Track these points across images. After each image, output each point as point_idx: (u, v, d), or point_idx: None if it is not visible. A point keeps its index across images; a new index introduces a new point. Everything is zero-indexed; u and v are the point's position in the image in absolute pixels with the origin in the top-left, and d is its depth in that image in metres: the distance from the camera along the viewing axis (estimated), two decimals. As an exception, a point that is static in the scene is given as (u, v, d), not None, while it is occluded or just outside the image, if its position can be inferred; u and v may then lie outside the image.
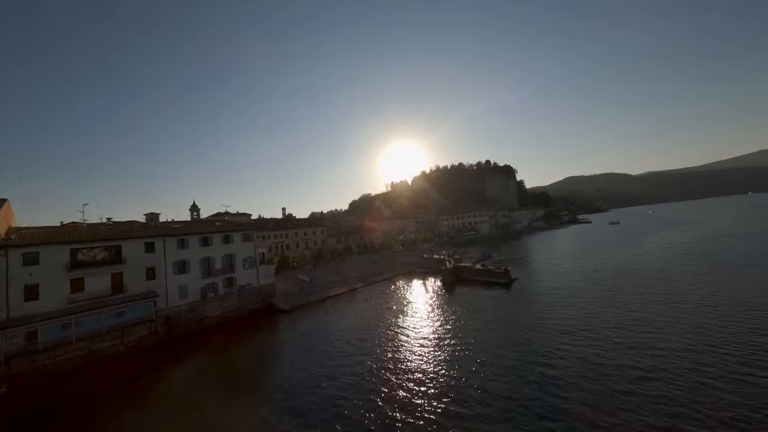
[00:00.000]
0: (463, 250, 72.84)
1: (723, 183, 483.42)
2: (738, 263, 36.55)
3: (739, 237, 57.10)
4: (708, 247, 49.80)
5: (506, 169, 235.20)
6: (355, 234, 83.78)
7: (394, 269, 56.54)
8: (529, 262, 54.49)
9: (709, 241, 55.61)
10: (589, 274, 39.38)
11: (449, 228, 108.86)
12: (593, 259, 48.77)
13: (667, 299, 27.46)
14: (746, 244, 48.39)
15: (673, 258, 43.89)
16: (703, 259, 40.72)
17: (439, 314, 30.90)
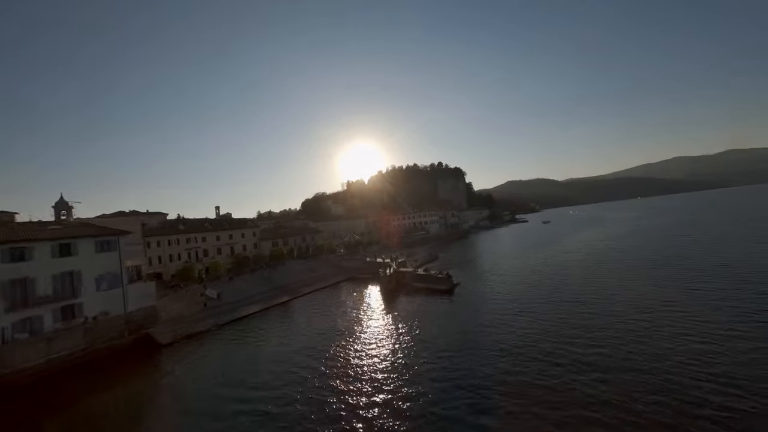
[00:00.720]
0: (411, 252, 69.26)
1: (620, 189, 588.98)
2: (652, 260, 38.67)
3: (644, 235, 64.32)
4: (622, 244, 53.94)
5: (456, 172, 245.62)
6: (298, 236, 74.06)
7: (334, 276, 49.47)
8: (474, 263, 52.71)
9: (621, 240, 61.09)
10: (527, 275, 37.96)
11: (401, 228, 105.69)
12: (530, 260, 48.71)
13: (597, 299, 26.24)
14: (653, 241, 53.77)
15: (597, 255, 45.76)
16: (619, 255, 42.85)
17: (372, 333, 25.19)
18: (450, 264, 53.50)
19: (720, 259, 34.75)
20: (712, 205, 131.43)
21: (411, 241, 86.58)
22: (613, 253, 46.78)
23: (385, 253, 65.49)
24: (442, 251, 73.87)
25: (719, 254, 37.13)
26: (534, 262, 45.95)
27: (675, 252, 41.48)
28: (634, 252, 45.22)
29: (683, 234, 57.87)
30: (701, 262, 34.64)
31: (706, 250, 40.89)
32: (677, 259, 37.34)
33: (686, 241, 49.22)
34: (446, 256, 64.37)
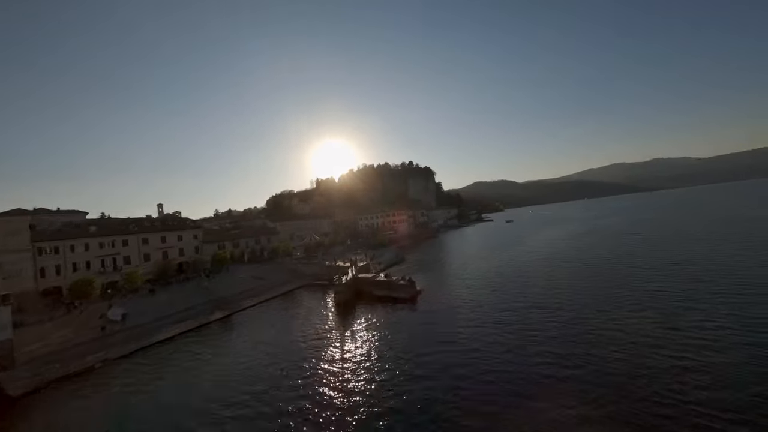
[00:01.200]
0: (377, 253, 65.03)
1: (571, 191, 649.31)
2: (608, 259, 38.78)
3: (598, 234, 67.39)
4: (580, 243, 55.17)
5: (427, 171, 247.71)
6: (251, 237, 65.67)
7: (287, 283, 43.25)
8: (441, 266, 49.95)
9: (579, 239, 63.08)
10: (492, 278, 35.68)
11: (369, 228, 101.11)
12: (496, 260, 47.18)
13: (559, 304, 24.32)
14: (607, 239, 55.78)
15: (558, 255, 45.57)
16: (578, 254, 42.90)
17: (319, 358, 20.24)
18: (417, 266, 50.24)
19: (669, 256, 35.52)
20: (649, 206, 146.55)
21: (379, 241, 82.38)
22: (573, 252, 46.95)
23: (349, 255, 60.40)
24: (410, 252, 70.82)
25: (667, 251, 38.27)
26: (499, 263, 44.32)
27: (627, 250, 42.38)
28: (592, 251, 45.67)
29: (633, 232, 61.12)
30: (651, 259, 35.11)
31: (655, 247, 42.39)
32: (629, 257, 37.75)
33: (637, 239, 51.44)
34: (414, 258, 61.22)
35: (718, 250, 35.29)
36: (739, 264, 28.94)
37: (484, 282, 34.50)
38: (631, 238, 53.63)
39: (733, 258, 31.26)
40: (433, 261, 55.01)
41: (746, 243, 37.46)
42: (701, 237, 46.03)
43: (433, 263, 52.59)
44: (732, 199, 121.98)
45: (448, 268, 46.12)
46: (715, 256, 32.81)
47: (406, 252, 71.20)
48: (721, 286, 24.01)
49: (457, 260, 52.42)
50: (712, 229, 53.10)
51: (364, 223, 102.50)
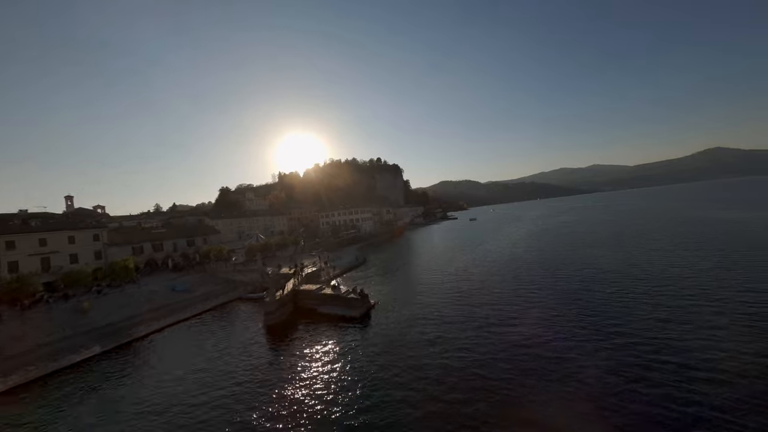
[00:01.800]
0: (337, 254, 58.19)
1: (525, 192, 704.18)
2: (567, 260, 37.25)
3: (554, 232, 68.61)
4: (541, 243, 54.55)
5: (395, 168, 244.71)
6: (182, 238, 54.09)
7: (215, 297, 34.47)
8: (404, 268, 44.86)
9: (538, 238, 63.17)
10: (455, 285, 31.40)
11: (330, 226, 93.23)
12: (460, 263, 43.54)
13: (520, 318, 20.40)
14: (562, 237, 56.03)
15: (520, 257, 43.58)
16: (539, 256, 41.19)
17: (236, 409, 12.97)
18: (378, 270, 44.55)
19: (624, 257, 34.73)
20: (593, 207, 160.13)
21: (340, 240, 75.33)
22: (536, 253, 45.27)
23: (301, 259, 52.59)
24: (373, 252, 65.09)
25: (623, 253, 37.81)
26: (464, 265, 40.59)
27: (587, 251, 41.64)
28: (552, 252, 44.40)
29: (586, 231, 62.66)
30: (616, 263, 33.93)
31: (617, 254, 42.22)
32: (592, 258, 36.50)
33: (593, 238, 51.96)
34: (376, 259, 55.54)
35: (651, 239, 43.92)
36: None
37: (448, 289, 30.03)
38: (586, 236, 54.32)
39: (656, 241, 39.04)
40: (396, 263, 49.86)
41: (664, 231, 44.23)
42: (632, 231, 48.55)
43: (396, 266, 47.39)
44: (655, 200, 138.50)
45: (412, 272, 41.18)
46: (649, 245, 39.80)
47: (370, 252, 65.39)
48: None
49: (422, 262, 47.92)
50: (643, 223, 56.47)
51: (326, 220, 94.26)
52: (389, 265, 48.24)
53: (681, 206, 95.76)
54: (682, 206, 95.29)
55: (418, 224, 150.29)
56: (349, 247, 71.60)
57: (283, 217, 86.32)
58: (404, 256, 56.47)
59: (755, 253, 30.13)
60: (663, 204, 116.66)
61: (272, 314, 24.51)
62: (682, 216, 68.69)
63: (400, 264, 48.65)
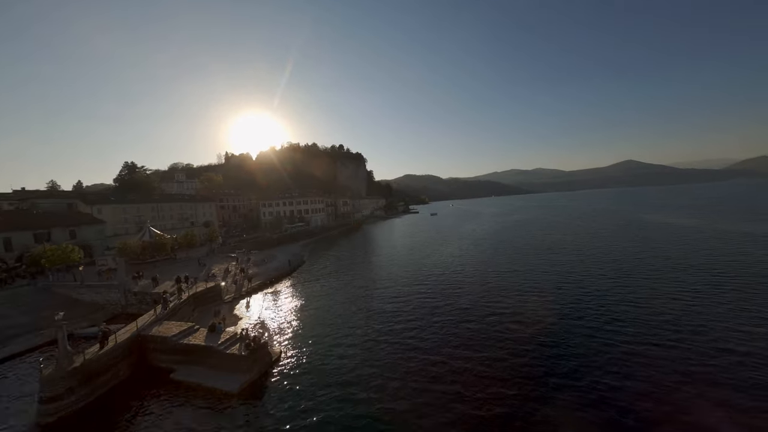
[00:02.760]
0: (269, 255, 45.53)
1: (481, 189, 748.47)
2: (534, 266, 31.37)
3: (514, 231, 65.23)
4: (506, 247, 49.33)
5: (357, 157, 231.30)
6: (32, 230, 35.81)
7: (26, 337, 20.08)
8: (347, 275, 34.64)
9: (497, 236, 58.61)
10: (404, 305, 22.57)
11: (273, 217, 78.43)
12: (413, 269, 35.21)
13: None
14: (525, 237, 51.83)
15: (482, 258, 37.06)
16: (507, 262, 35.02)
17: None
18: (313, 278, 33.46)
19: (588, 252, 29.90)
20: (540, 207, 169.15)
21: (281, 236, 62.04)
22: (500, 258, 38.99)
23: (212, 263, 39.07)
24: (319, 251, 53.67)
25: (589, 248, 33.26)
26: (422, 274, 32.15)
27: (550, 256, 36.59)
28: (516, 255, 38.62)
29: (546, 232, 59.80)
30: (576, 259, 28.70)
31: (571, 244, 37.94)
32: (556, 263, 31.02)
33: (554, 239, 48.17)
34: (318, 261, 44.42)
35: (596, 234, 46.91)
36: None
37: (401, 312, 20.92)
38: (544, 237, 50.64)
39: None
40: (342, 267, 39.42)
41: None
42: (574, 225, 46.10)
43: (340, 271, 36.96)
44: (587, 202, 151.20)
45: (358, 282, 31.13)
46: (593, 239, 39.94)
47: (317, 251, 53.85)
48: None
49: (374, 267, 38.28)
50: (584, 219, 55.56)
51: (268, 210, 79.05)
52: (332, 270, 37.68)
53: (616, 209, 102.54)
54: (618, 209, 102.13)
55: (378, 217, 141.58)
56: (291, 245, 59.00)
57: (211, 205, 68.99)
58: (355, 258, 46.34)
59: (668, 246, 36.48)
60: (596, 206, 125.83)
61: (57, 400, 12.25)
62: (621, 218, 70.70)
63: (347, 268, 38.39)
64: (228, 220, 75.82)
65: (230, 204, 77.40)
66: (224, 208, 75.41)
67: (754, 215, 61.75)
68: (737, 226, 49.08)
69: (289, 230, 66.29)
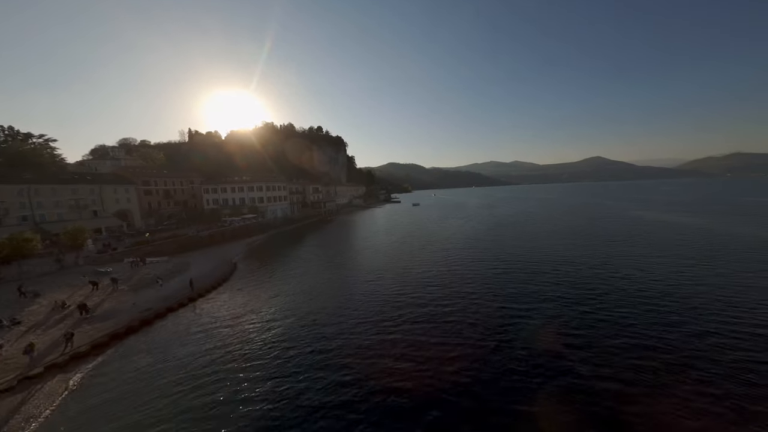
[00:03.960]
0: (158, 266, 30.46)
1: (462, 179, 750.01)
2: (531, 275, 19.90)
3: (506, 231, 54.30)
4: (504, 255, 37.76)
5: (337, 140, 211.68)
6: None
7: None
8: (281, 302, 20.86)
9: (490, 237, 47.14)
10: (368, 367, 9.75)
11: (220, 206, 61.59)
12: (384, 282, 22.40)
13: None
14: (516, 240, 40.75)
15: (484, 275, 25.12)
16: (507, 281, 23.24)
17: None
18: (226, 304, 19.18)
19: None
20: (524, 199, 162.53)
21: (213, 233, 46.37)
22: (498, 265, 27.10)
23: (73, 278, 23.64)
24: (260, 255, 38.99)
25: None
26: (384, 309, 19.25)
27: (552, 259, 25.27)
28: (526, 277, 26.93)
29: (536, 230, 49.16)
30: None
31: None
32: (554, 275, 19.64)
33: (543, 236, 37.26)
34: (246, 276, 29.93)
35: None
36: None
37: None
38: (539, 237, 39.76)
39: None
40: (283, 280, 25.22)
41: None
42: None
43: (277, 291, 22.89)
44: (565, 195, 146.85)
45: (299, 313, 17.48)
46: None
47: (260, 253, 39.22)
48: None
49: (328, 282, 24.69)
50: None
51: (212, 197, 61.90)
52: (268, 290, 23.56)
53: (593, 202, 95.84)
54: (595, 202, 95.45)
55: (357, 206, 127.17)
56: (232, 244, 43.82)
57: (129, 188, 51.01)
58: (309, 265, 32.31)
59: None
60: (575, 199, 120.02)
61: None
62: (598, 211, 62.26)
63: (291, 283, 24.41)
64: (157, 208, 58.08)
65: (161, 188, 59.26)
66: (151, 193, 57.35)
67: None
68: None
69: (232, 224, 50.38)
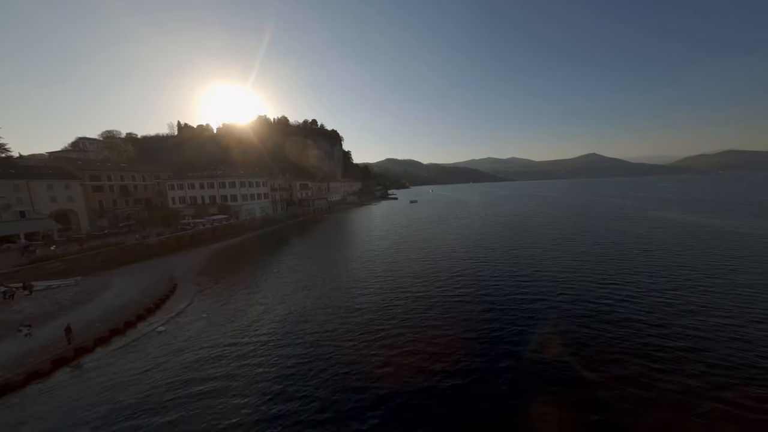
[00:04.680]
0: (69, 289, 22.12)
1: (459, 176, 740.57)
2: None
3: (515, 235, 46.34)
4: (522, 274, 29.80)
5: (333, 134, 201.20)
6: None
7: None
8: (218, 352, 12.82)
9: (502, 243, 39.06)
10: None
11: (187, 204, 52.81)
12: (378, 322, 14.41)
13: None
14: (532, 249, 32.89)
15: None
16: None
17: None
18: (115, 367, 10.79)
19: None
20: (524, 196, 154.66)
21: (184, 234, 37.87)
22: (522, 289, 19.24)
23: None
24: (220, 268, 30.61)
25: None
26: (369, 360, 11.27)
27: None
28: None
29: (555, 235, 41.18)
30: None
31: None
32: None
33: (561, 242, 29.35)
34: (184, 300, 21.66)
35: None
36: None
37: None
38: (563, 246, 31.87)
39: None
40: (234, 311, 17.10)
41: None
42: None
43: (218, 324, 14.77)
44: (567, 192, 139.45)
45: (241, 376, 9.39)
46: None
47: (221, 265, 30.86)
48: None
49: (296, 311, 16.56)
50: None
51: (179, 195, 53.05)
52: (204, 327, 15.32)
53: (592, 199, 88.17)
54: (610, 201, 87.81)
55: (351, 204, 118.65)
56: (187, 253, 35.42)
57: (72, 184, 42.13)
58: (278, 283, 24.01)
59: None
60: (580, 197, 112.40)
61: None
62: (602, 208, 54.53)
63: (234, 330, 16.22)
64: (112, 207, 49.21)
65: (116, 184, 50.23)
66: (103, 190, 48.37)
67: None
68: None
69: (196, 226, 41.77)
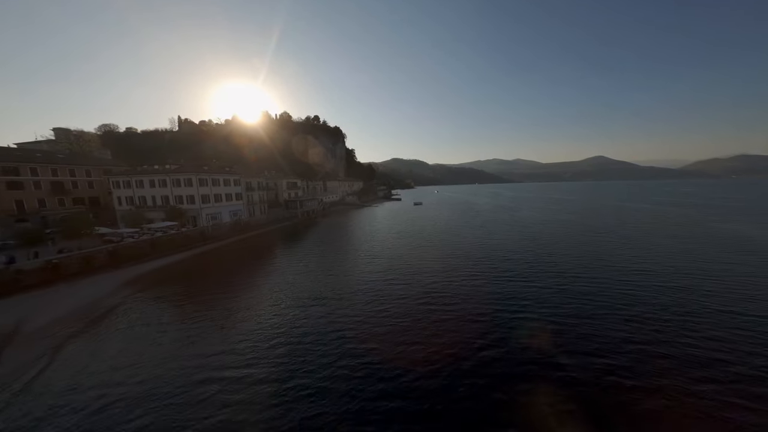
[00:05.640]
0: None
1: (465, 176, 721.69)
2: None
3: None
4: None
5: (336, 131, 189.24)
6: None
7: None
8: None
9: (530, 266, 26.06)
10: None
11: (136, 205, 41.06)
12: None
13: None
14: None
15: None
16: None
17: None
18: None
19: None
20: (536, 198, 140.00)
21: (97, 250, 26.07)
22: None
23: None
24: (94, 329, 18.44)
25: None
26: None
27: None
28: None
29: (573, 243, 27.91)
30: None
31: None
32: None
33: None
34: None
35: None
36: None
37: None
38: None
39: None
40: None
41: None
42: None
43: None
44: (581, 195, 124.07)
45: None
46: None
47: (107, 312, 18.53)
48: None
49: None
50: None
51: (125, 194, 41.31)
52: None
53: (609, 203, 73.39)
54: (611, 204, 73.01)
55: (350, 205, 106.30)
56: (97, 278, 23.47)
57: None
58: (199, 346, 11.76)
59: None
60: (600, 201, 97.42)
61: None
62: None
63: None
64: (36, 209, 37.74)
65: (45, 179, 38.71)
66: (22, 187, 36.95)
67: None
68: None
69: (124, 239, 29.76)
